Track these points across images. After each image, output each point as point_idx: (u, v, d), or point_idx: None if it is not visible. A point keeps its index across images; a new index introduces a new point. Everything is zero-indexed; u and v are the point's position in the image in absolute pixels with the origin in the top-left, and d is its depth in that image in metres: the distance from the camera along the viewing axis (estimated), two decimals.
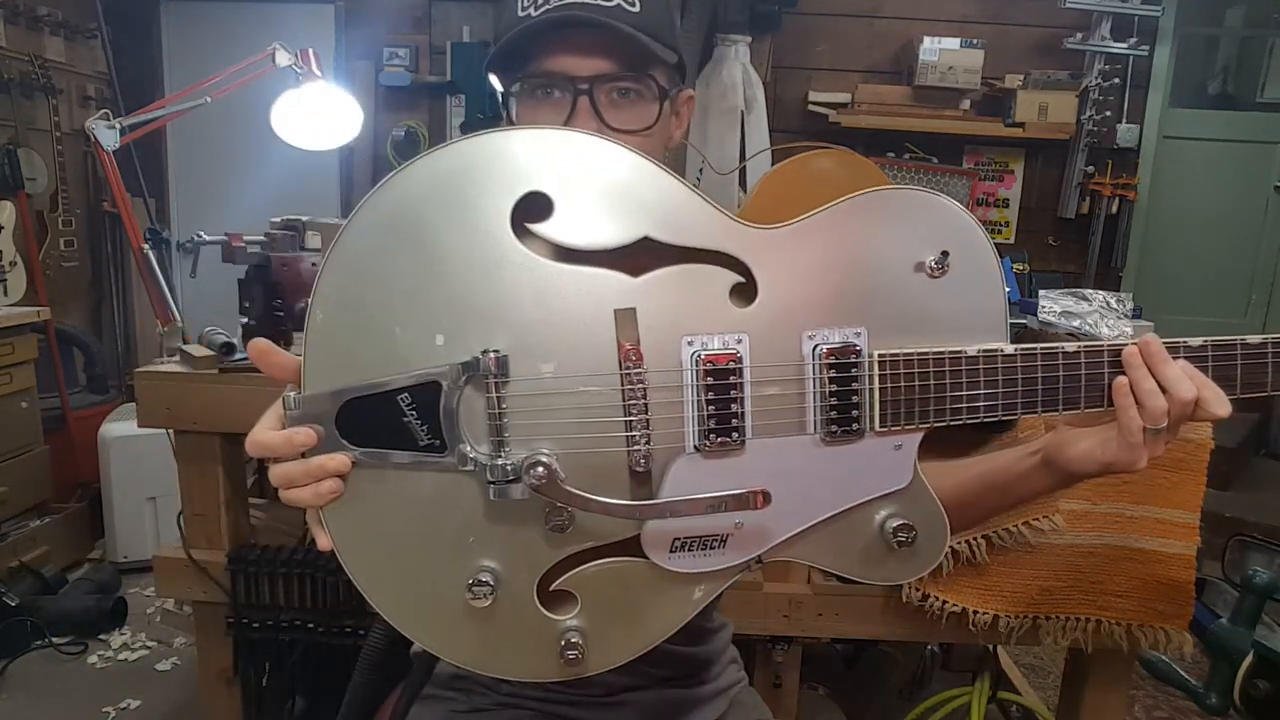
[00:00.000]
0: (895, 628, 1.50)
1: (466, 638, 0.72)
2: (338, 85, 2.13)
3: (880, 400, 0.72)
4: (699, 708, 1.02)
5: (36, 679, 2.37)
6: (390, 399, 0.66)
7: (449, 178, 0.67)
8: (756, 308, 0.71)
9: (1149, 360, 0.74)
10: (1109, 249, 3.99)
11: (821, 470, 0.73)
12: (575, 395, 0.69)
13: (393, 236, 0.67)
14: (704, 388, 0.70)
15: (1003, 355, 0.73)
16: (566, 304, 0.68)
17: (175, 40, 3.99)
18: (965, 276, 0.73)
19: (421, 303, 0.67)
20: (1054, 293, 1.68)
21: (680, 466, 0.71)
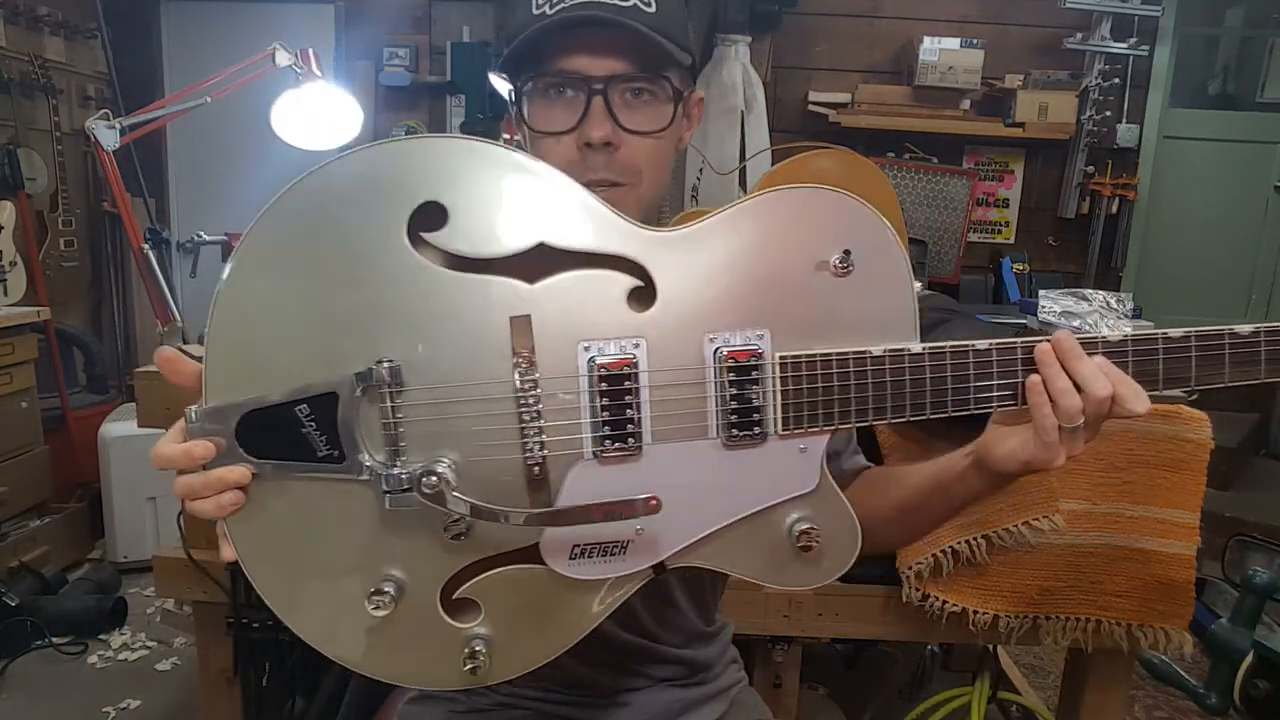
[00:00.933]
0: (895, 628, 1.50)
1: (372, 647, 0.72)
2: (338, 85, 2.13)
3: (783, 403, 0.71)
4: (699, 708, 1.02)
5: (36, 679, 2.37)
6: (288, 410, 0.66)
7: (345, 189, 0.67)
8: (655, 311, 0.70)
9: (1062, 357, 0.73)
10: (1109, 249, 3.99)
11: (724, 475, 0.72)
12: (472, 404, 0.69)
13: (289, 248, 0.67)
14: (599, 393, 0.69)
15: (910, 355, 0.72)
16: (462, 312, 0.68)
17: (175, 40, 3.99)
18: (871, 275, 0.72)
19: (319, 314, 0.67)
20: (1054, 293, 1.68)
21: (578, 473, 0.70)
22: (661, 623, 0.98)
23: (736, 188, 3.28)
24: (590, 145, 0.83)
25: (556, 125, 0.85)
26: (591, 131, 0.83)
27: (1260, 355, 0.75)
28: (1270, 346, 0.75)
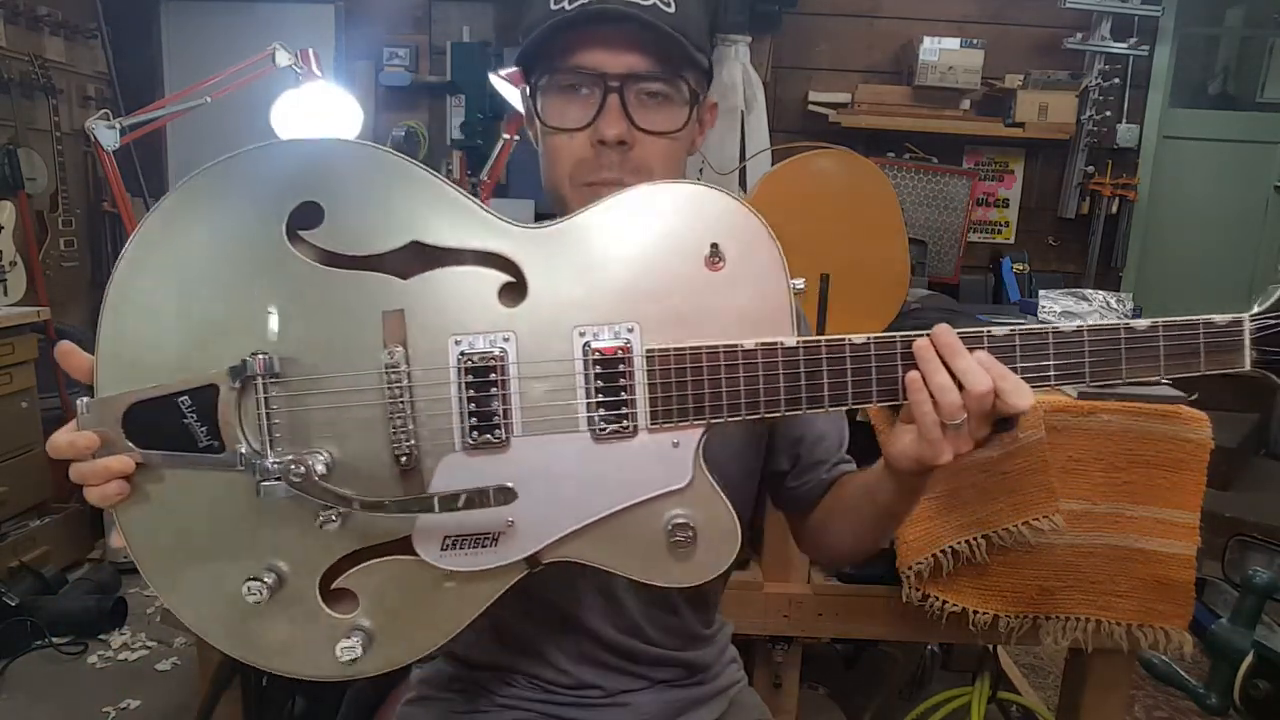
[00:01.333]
0: (895, 628, 1.50)
1: (254, 635, 0.74)
2: (338, 85, 2.13)
3: (650, 397, 0.72)
4: (698, 708, 1.02)
5: (36, 679, 2.37)
6: (171, 402, 0.69)
7: (228, 189, 0.70)
8: (526, 306, 0.72)
9: (941, 352, 0.72)
10: (1109, 249, 3.99)
11: (594, 468, 0.72)
12: (346, 395, 0.71)
13: (174, 246, 0.70)
14: (467, 385, 0.71)
15: (783, 348, 0.72)
16: (337, 307, 0.70)
17: (175, 40, 3.99)
18: (744, 268, 0.72)
19: (201, 308, 0.70)
20: (1054, 293, 1.68)
21: (447, 464, 0.71)
22: (661, 626, 0.98)
23: (736, 188, 3.28)
24: (604, 143, 0.83)
25: (570, 122, 0.84)
26: (606, 129, 0.82)
27: (1159, 351, 0.74)
28: (1170, 342, 0.74)
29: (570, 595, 0.94)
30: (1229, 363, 0.74)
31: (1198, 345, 0.74)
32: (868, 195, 1.75)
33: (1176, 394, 1.45)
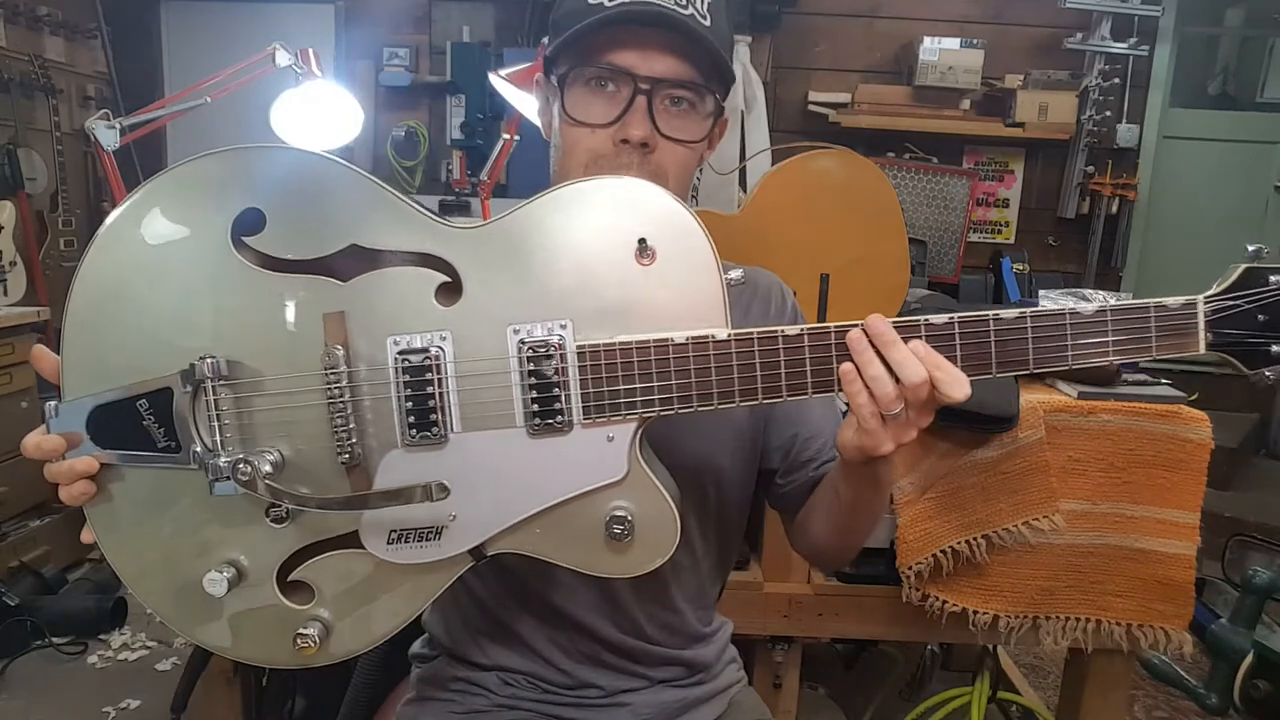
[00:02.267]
0: (895, 628, 1.50)
1: (218, 625, 0.77)
2: (338, 85, 2.13)
3: (583, 392, 0.72)
4: (697, 708, 1.02)
5: (36, 679, 2.37)
6: (130, 405, 0.72)
7: (174, 199, 0.72)
8: (461, 305, 0.73)
9: (875, 342, 0.71)
10: (1109, 249, 3.99)
11: (531, 462, 0.74)
12: (291, 395, 0.73)
13: (126, 254, 0.72)
14: (405, 384, 0.73)
15: (715, 341, 0.72)
16: (282, 310, 0.73)
17: (175, 40, 3.99)
18: (674, 262, 0.72)
19: (154, 314, 0.73)
20: (1054, 293, 1.68)
21: (389, 460, 0.74)
22: (661, 625, 0.98)
23: (736, 188, 3.28)
24: (627, 142, 0.83)
25: (595, 117, 0.85)
26: (631, 130, 0.83)
27: (1107, 334, 0.72)
28: (1119, 326, 0.72)
29: (570, 595, 0.94)
30: (1183, 346, 0.73)
31: (1149, 329, 0.72)
32: (868, 195, 1.75)
33: (1176, 394, 1.45)
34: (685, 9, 0.81)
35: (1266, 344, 0.72)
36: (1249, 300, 0.72)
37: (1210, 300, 0.72)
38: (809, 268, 1.64)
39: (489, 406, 0.73)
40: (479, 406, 0.73)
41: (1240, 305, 0.72)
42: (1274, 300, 0.72)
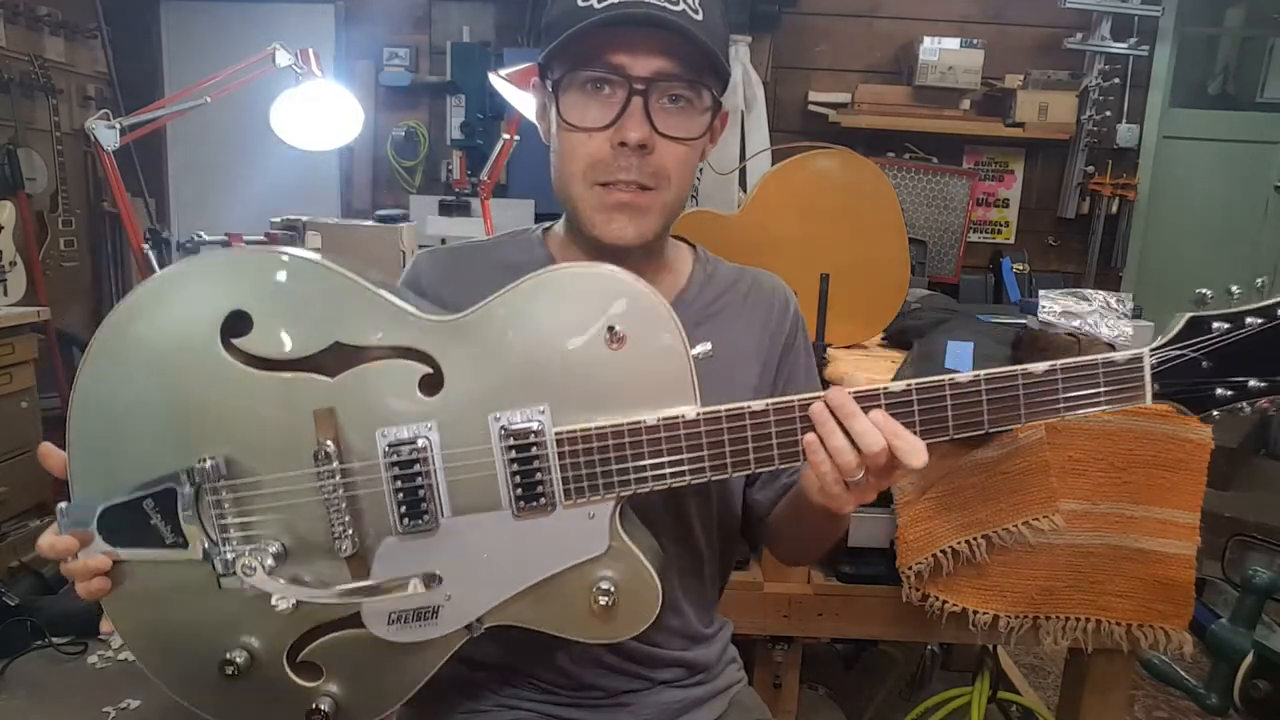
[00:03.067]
0: (895, 628, 1.50)
1: (237, 705, 0.81)
2: (338, 84, 2.13)
3: (563, 476, 0.76)
4: (698, 708, 1.02)
5: (36, 679, 2.37)
6: (137, 505, 0.75)
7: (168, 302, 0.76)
8: (444, 396, 0.76)
9: (837, 414, 0.74)
10: (1109, 249, 3.99)
11: (519, 542, 0.77)
12: (289, 490, 0.76)
13: (124, 359, 0.76)
14: (395, 476, 0.76)
15: (685, 421, 0.75)
16: (274, 408, 0.75)
17: (175, 40, 3.99)
18: (643, 346, 0.75)
19: (155, 417, 0.76)
20: (1054, 293, 1.68)
21: (386, 547, 0.77)
22: (663, 628, 0.98)
23: (736, 188, 3.28)
24: (624, 145, 0.83)
25: (591, 121, 0.84)
26: (628, 132, 0.82)
27: (1058, 392, 0.75)
28: (1069, 383, 0.75)
29: None
30: (1132, 398, 0.76)
31: (1098, 384, 0.75)
32: (868, 195, 1.75)
33: None
34: (676, 5, 0.81)
35: (1211, 388, 0.76)
36: (1193, 349, 0.75)
37: (1156, 352, 0.75)
38: (809, 268, 1.63)
39: (476, 491, 0.76)
40: (467, 492, 0.76)
41: (1185, 354, 0.75)
42: (1217, 346, 0.75)
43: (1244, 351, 0.75)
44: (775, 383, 1.02)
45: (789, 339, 1.03)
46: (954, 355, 1.46)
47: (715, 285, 1.01)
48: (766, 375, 1.01)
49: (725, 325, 0.99)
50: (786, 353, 1.02)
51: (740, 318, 1.00)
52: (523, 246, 1.00)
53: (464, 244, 1.02)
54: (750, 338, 1.00)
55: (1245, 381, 0.75)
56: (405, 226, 2.12)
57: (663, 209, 0.88)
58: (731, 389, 0.99)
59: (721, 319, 0.99)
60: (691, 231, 1.06)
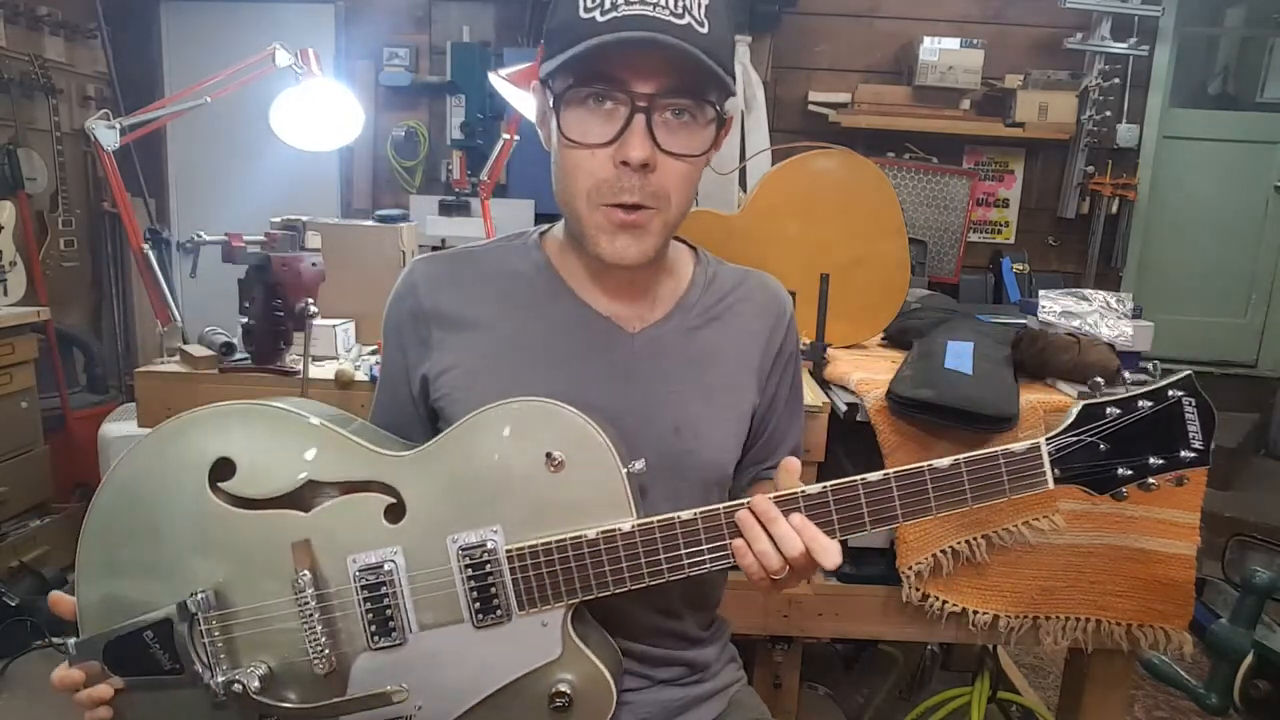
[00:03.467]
0: (895, 628, 1.50)
1: None
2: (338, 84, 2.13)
3: (516, 588, 0.83)
4: (697, 707, 1.02)
5: (36, 679, 2.37)
6: (138, 636, 0.84)
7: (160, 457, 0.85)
8: (407, 522, 0.84)
9: (761, 520, 0.80)
10: (1109, 249, 3.99)
11: (480, 652, 0.85)
12: (272, 618, 0.84)
13: (123, 508, 0.85)
14: (365, 598, 0.84)
15: (621, 534, 0.82)
16: (256, 542, 0.84)
17: (175, 40, 3.99)
18: (580, 467, 0.83)
19: (152, 557, 0.85)
20: (1054, 293, 1.68)
21: (361, 663, 0.85)
22: (662, 630, 0.98)
23: (736, 188, 3.28)
24: (627, 164, 0.82)
25: (593, 138, 0.83)
26: (630, 151, 0.81)
27: (964, 485, 0.80)
28: (974, 476, 0.80)
29: None
30: (1034, 486, 0.80)
31: (1000, 475, 0.80)
32: (868, 195, 1.75)
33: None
34: (681, 18, 0.79)
35: (1112, 468, 0.80)
36: (1090, 434, 0.80)
37: (1052, 440, 0.80)
38: (809, 268, 1.64)
39: (440, 607, 0.84)
40: (431, 608, 0.84)
41: (1082, 440, 0.80)
42: (1113, 429, 0.80)
43: (1140, 432, 0.80)
44: (764, 389, 1.02)
45: (783, 347, 1.04)
46: (954, 355, 1.47)
47: (717, 288, 1.01)
48: (759, 379, 1.01)
49: (727, 328, 1.00)
50: (779, 362, 1.03)
51: (741, 320, 1.01)
52: (520, 252, 0.99)
53: (460, 250, 1.01)
54: (750, 341, 1.01)
55: (1145, 459, 0.80)
56: (405, 226, 2.12)
57: (664, 226, 0.87)
58: (733, 393, 0.99)
59: (723, 322, 1.00)
60: (692, 231, 1.06)
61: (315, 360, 1.72)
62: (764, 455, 1.06)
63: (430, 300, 0.95)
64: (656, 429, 0.94)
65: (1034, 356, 1.51)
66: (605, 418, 0.91)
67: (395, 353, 0.99)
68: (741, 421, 1.00)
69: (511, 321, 0.95)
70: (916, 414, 1.35)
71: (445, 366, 0.94)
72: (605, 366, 0.95)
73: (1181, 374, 0.81)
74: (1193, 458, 0.81)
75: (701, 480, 0.96)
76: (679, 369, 0.96)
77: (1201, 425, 0.80)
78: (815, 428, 1.45)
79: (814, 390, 1.52)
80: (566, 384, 0.93)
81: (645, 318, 0.97)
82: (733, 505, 0.81)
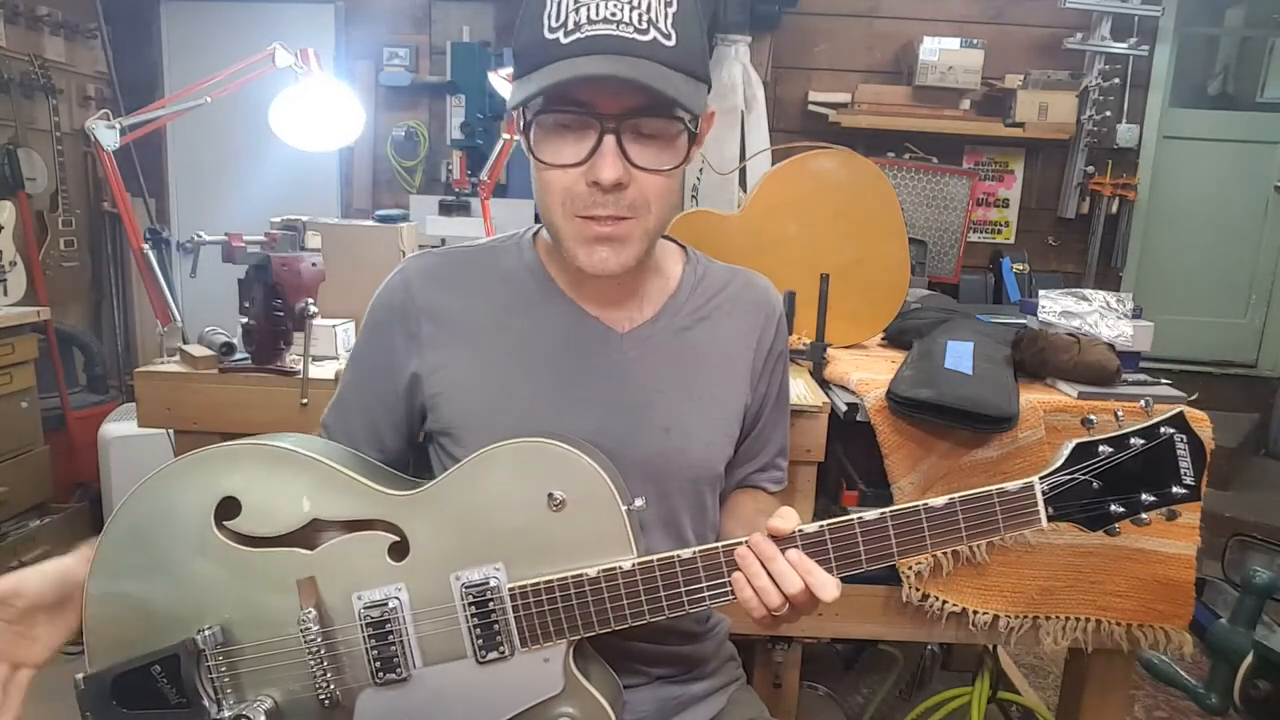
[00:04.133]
0: (895, 628, 1.50)
1: None
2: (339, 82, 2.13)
3: (519, 625, 0.84)
4: (696, 705, 1.02)
5: (37, 679, 2.37)
6: (146, 670, 0.85)
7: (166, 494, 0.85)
8: (411, 560, 0.85)
9: (760, 558, 0.80)
10: (1109, 249, 3.99)
11: (483, 686, 0.86)
12: (278, 654, 0.85)
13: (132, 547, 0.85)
14: (370, 635, 0.85)
15: (622, 571, 0.83)
16: (262, 580, 0.85)
17: (175, 40, 3.99)
18: (582, 506, 0.84)
19: (159, 594, 0.85)
20: (1054, 293, 1.68)
21: (365, 698, 0.86)
22: (659, 626, 0.98)
23: (736, 187, 3.28)
24: (598, 184, 0.82)
25: (565, 159, 0.83)
26: (601, 173, 0.81)
27: (959, 522, 0.81)
28: (969, 515, 0.81)
29: None
30: (1027, 524, 0.81)
31: (995, 513, 0.81)
32: (868, 195, 1.75)
33: (1176, 394, 1.45)
34: (646, 34, 0.78)
35: (1105, 505, 0.82)
36: (1082, 472, 0.81)
37: (1045, 478, 0.81)
38: (809, 268, 1.64)
39: (443, 643, 0.85)
40: (435, 644, 0.85)
41: (1075, 479, 0.81)
42: (1105, 467, 0.81)
43: (1132, 469, 0.81)
44: (756, 387, 1.02)
45: (773, 346, 1.04)
46: (954, 355, 1.46)
47: (706, 288, 1.01)
48: (750, 379, 1.01)
49: (716, 327, 1.00)
50: (769, 361, 1.04)
51: (731, 319, 1.01)
52: (512, 253, 0.99)
53: (454, 250, 1.01)
54: (740, 340, 1.01)
55: (1137, 496, 0.82)
56: (405, 226, 2.12)
57: (644, 235, 0.87)
58: (723, 392, 0.99)
59: (712, 321, 1.00)
60: (691, 231, 1.06)
61: (315, 360, 1.72)
62: (752, 454, 1.07)
63: (424, 297, 0.95)
64: (646, 430, 0.94)
65: (1034, 356, 1.51)
66: (595, 419, 0.91)
67: (379, 347, 0.98)
68: (732, 421, 1.00)
69: (504, 322, 0.96)
70: (916, 414, 1.35)
71: (437, 365, 0.94)
72: (595, 368, 0.95)
73: (1173, 410, 0.82)
74: (1184, 494, 0.82)
75: (692, 480, 0.96)
76: (668, 369, 0.96)
77: (1193, 460, 0.82)
78: (815, 428, 1.45)
79: (814, 390, 1.52)
80: (557, 385, 0.94)
81: (634, 318, 0.97)
82: (731, 544, 0.82)
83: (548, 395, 0.94)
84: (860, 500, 1.48)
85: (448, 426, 0.94)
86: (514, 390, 0.94)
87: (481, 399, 0.93)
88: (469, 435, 0.92)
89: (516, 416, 0.92)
